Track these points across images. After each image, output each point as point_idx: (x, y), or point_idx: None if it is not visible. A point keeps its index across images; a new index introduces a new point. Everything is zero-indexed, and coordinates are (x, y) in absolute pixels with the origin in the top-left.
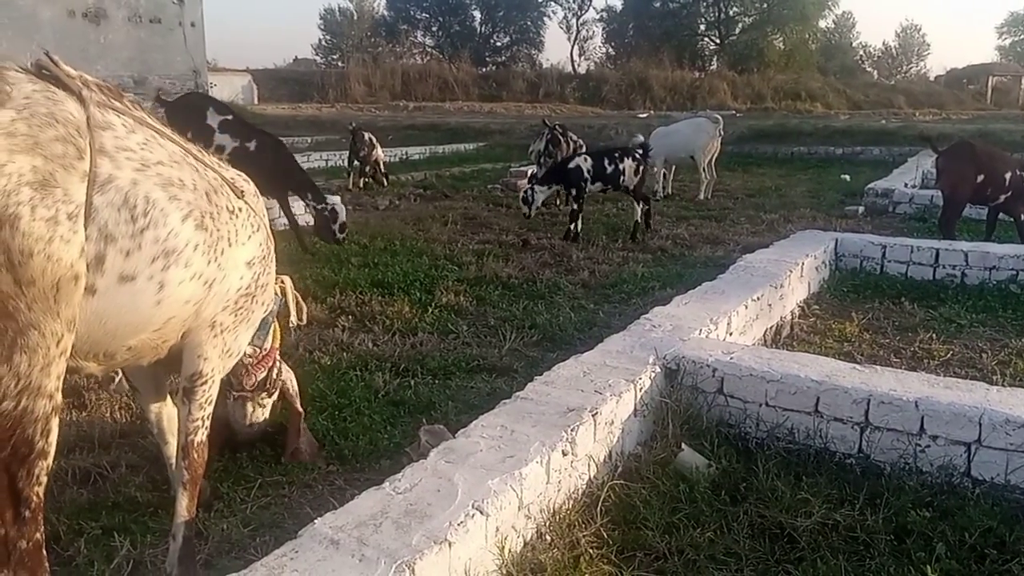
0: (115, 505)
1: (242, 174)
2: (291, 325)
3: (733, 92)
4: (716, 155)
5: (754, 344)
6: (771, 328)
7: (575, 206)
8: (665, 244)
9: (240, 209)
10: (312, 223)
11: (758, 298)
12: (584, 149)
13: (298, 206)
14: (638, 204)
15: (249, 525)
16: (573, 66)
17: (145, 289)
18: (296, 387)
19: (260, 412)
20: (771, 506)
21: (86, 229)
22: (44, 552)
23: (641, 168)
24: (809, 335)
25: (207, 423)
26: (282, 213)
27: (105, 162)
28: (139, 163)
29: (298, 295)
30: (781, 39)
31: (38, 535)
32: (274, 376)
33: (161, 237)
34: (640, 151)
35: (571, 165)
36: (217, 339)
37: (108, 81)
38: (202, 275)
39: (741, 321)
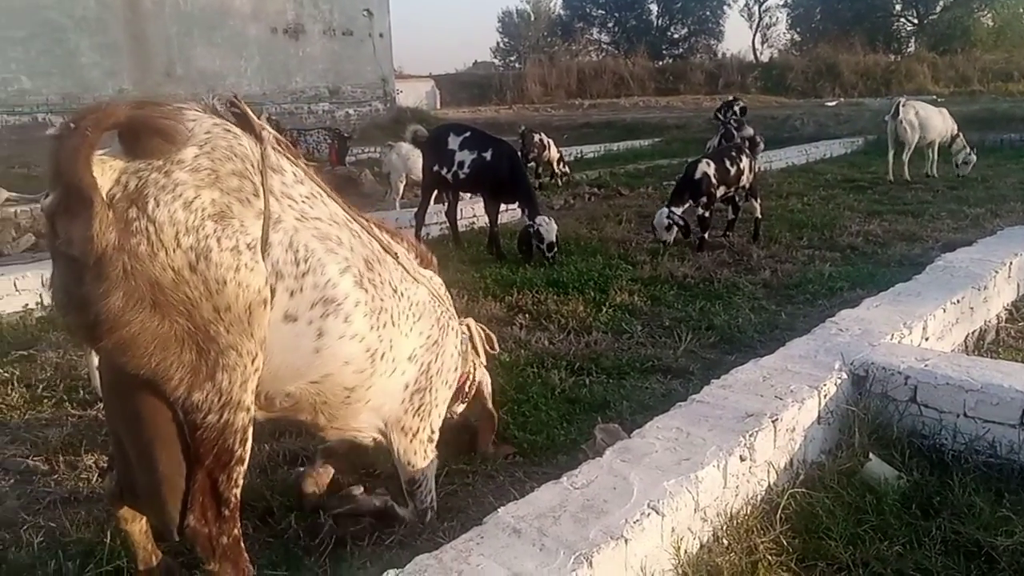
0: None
1: (421, 252)
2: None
3: (933, 75)
4: (900, 138)
5: (953, 350)
6: (973, 333)
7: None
8: (855, 241)
9: (403, 294)
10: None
11: (958, 301)
12: (762, 144)
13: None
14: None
15: (437, 510)
16: (755, 54)
17: (305, 332)
18: (490, 388)
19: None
20: (967, 523)
21: (264, 262)
22: (242, 545)
23: (754, 164)
24: (1017, 341)
25: (434, 501)
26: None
27: (274, 202)
28: (299, 213)
29: (483, 329)
30: (990, 15)
31: (236, 531)
32: (465, 390)
33: (320, 284)
34: (750, 145)
35: (698, 175)
36: (414, 444)
37: (307, 92)
38: (364, 339)
39: (938, 325)
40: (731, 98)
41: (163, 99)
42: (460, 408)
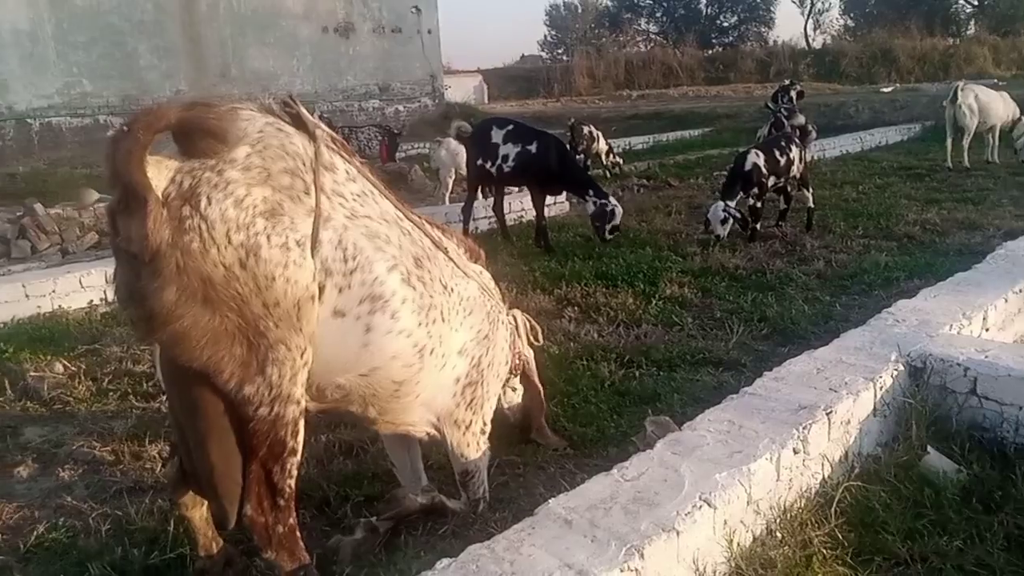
0: (375, 476)
1: (470, 247)
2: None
3: (995, 58)
4: (959, 123)
5: (1015, 341)
6: None
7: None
8: (913, 230)
9: (453, 290)
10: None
11: (1021, 290)
12: (814, 132)
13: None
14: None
15: (489, 501)
16: (807, 41)
17: (353, 328)
18: (533, 364)
19: (512, 395)
20: None
21: (313, 259)
22: (299, 534)
23: (804, 153)
24: None
25: (487, 492)
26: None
27: (324, 200)
28: (349, 212)
29: (529, 320)
30: None
31: (292, 520)
32: (516, 362)
33: (367, 281)
34: (800, 134)
35: (748, 167)
36: (467, 436)
37: (357, 89)
38: (412, 335)
39: (1000, 316)
40: (787, 82)
41: (217, 99)
42: (517, 386)
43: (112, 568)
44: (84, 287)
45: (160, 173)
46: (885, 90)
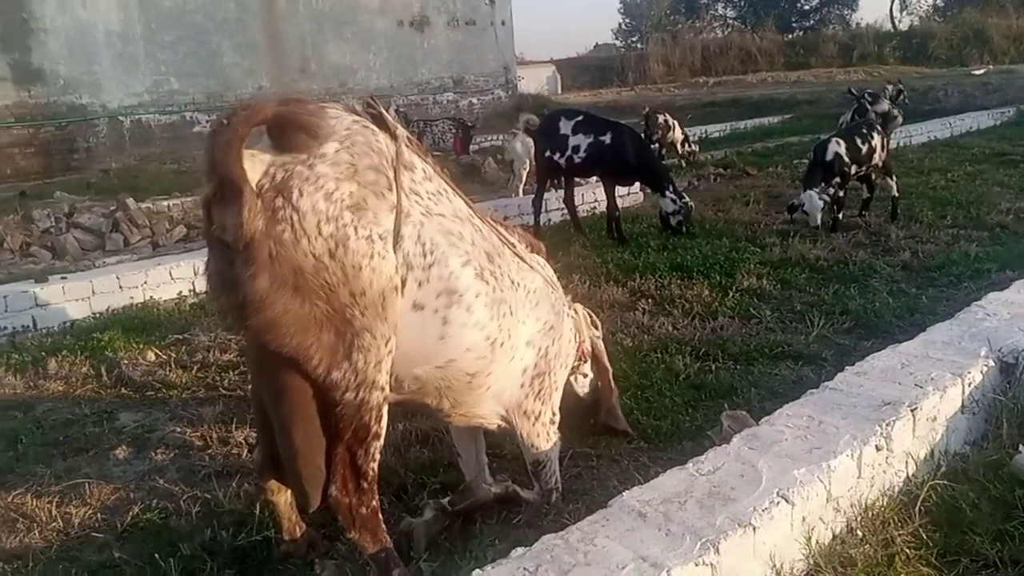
0: (450, 465)
1: (532, 241)
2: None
3: None
4: None
5: None
6: None
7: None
8: (1005, 219)
9: (520, 283)
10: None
11: None
12: (900, 118)
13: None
14: (891, 179)
15: (562, 492)
16: (893, 23)
17: (431, 320)
18: (602, 346)
19: (583, 381)
20: None
21: (395, 253)
22: (380, 516)
23: (886, 141)
24: None
25: (559, 482)
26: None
27: (403, 197)
28: (424, 209)
29: (590, 313)
30: None
31: (374, 502)
32: (584, 348)
33: (444, 275)
34: (883, 121)
35: (829, 157)
36: (537, 427)
37: (432, 83)
38: (484, 328)
39: None
40: (890, 84)
41: (305, 96)
42: (587, 372)
43: (202, 548)
44: (174, 279)
45: (254, 166)
46: (977, 72)
